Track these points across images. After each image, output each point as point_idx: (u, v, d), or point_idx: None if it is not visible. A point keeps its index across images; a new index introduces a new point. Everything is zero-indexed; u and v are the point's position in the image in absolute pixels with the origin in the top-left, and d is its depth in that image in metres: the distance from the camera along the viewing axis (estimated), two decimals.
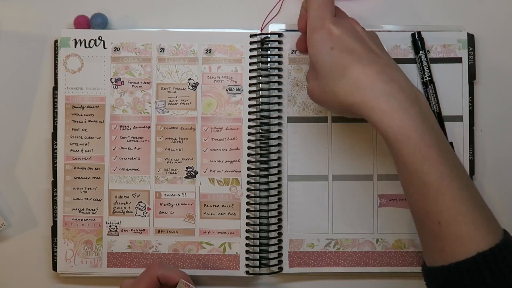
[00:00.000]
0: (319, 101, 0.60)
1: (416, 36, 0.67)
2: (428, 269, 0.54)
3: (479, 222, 0.51)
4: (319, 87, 0.58)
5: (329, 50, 0.56)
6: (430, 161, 0.52)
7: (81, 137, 0.68)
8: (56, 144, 0.68)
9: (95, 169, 0.68)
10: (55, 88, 0.69)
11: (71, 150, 0.68)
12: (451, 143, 0.67)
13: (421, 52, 0.67)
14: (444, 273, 0.52)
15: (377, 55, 0.56)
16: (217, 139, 0.68)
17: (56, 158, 0.68)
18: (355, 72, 0.54)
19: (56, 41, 0.69)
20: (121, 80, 0.68)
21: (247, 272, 0.68)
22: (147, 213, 0.68)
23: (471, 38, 0.68)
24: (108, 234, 0.68)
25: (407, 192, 0.55)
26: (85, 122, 0.68)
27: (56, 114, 0.68)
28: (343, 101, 0.55)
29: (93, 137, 0.68)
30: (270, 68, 0.68)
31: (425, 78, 0.67)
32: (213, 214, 0.68)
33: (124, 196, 0.68)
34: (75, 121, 0.68)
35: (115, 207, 0.68)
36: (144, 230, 0.68)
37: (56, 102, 0.68)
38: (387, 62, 0.56)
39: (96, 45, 0.68)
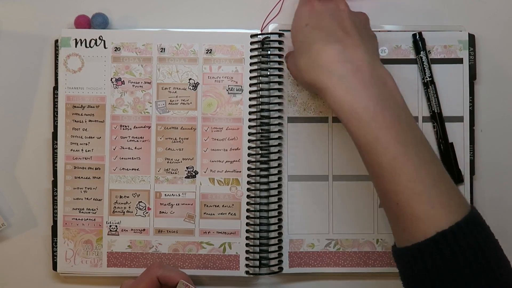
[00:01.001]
0: (294, 77, 0.62)
1: (417, 37, 0.67)
2: (395, 250, 0.54)
3: (437, 201, 0.50)
4: (292, 61, 0.60)
5: (304, 27, 0.57)
6: (382, 143, 0.51)
7: (81, 137, 0.68)
8: (57, 144, 0.68)
9: (95, 169, 0.68)
10: (55, 88, 0.68)
11: (71, 150, 0.68)
12: (451, 144, 0.67)
13: (422, 52, 0.67)
14: (407, 254, 0.51)
15: (347, 33, 0.56)
16: (217, 139, 0.68)
17: (56, 158, 0.68)
18: (317, 49, 0.55)
19: (56, 41, 0.69)
20: (122, 80, 0.68)
21: (247, 272, 0.68)
22: (147, 213, 0.68)
23: (471, 38, 0.68)
24: (108, 234, 0.68)
25: (368, 172, 0.55)
26: (86, 122, 0.68)
27: (57, 114, 0.68)
28: (304, 77, 0.56)
29: (93, 137, 0.68)
30: (271, 68, 0.68)
31: (426, 78, 0.67)
32: (213, 214, 0.68)
33: (124, 196, 0.68)
34: (75, 121, 0.68)
35: (115, 207, 0.68)
36: (144, 230, 0.68)
37: (57, 102, 0.68)
38: (354, 41, 0.55)
39: (96, 45, 0.68)
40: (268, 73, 0.68)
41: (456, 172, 0.67)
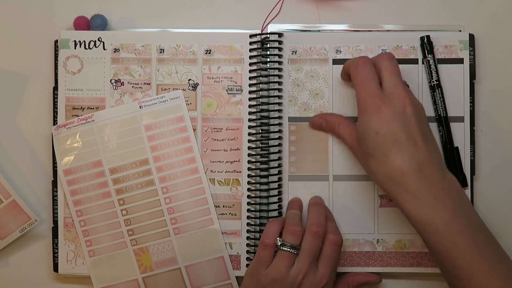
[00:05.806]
0: (353, 152, 0.65)
1: (425, 40, 0.67)
2: None
3: None
4: (360, 155, 0.62)
5: (375, 135, 0.58)
6: (459, 248, 0.56)
7: None
8: None
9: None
10: (55, 88, 0.69)
11: None
12: (456, 148, 0.67)
13: (429, 56, 0.67)
14: None
15: (419, 147, 0.57)
16: (217, 140, 0.68)
17: (56, 158, 0.68)
18: (394, 165, 0.57)
19: (56, 41, 0.69)
20: (121, 81, 0.68)
21: None
22: None
23: (471, 38, 0.68)
24: None
25: (442, 270, 0.59)
26: None
27: (56, 114, 0.68)
28: (378, 183, 0.60)
29: None
30: (270, 69, 0.68)
31: (433, 82, 0.67)
32: None
33: None
34: None
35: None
36: None
37: (57, 101, 0.68)
38: (425, 154, 0.57)
39: (96, 47, 0.68)
40: (268, 73, 0.68)
41: (461, 176, 0.67)
